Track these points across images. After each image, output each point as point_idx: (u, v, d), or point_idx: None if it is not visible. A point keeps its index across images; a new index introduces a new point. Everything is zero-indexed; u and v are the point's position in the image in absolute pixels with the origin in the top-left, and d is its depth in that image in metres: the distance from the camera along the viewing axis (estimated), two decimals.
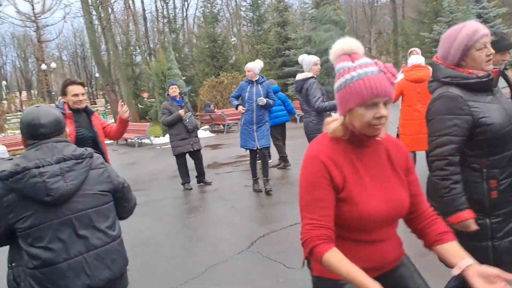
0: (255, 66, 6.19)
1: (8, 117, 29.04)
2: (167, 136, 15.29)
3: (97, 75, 61.73)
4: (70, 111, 3.75)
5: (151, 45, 32.80)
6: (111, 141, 15.60)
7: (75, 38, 69.33)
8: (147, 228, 5.31)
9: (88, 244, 1.87)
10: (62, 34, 69.06)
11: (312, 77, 5.64)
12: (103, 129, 3.99)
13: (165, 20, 31.85)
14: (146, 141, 15.20)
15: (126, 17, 32.29)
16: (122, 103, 4.07)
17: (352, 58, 1.54)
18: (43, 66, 37.85)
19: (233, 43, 25.76)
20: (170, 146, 7.24)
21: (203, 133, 15.86)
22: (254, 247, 4.35)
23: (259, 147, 6.24)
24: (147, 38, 32.01)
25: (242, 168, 8.62)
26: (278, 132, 8.16)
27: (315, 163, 1.57)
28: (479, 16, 19.95)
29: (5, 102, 31.46)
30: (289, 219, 5.07)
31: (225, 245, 4.48)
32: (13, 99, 33.10)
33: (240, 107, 6.22)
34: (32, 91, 64.09)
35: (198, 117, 17.72)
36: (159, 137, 15.54)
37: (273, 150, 7.95)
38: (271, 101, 6.22)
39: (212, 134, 16.07)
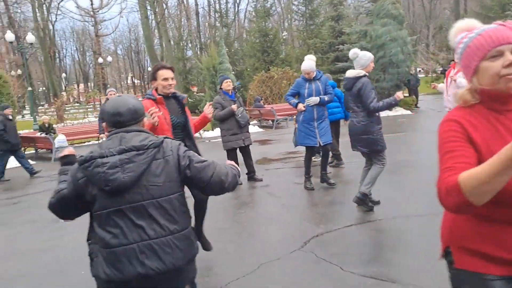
0: (312, 65, 6.00)
1: (66, 108, 30.44)
2: (217, 130, 15.50)
3: (149, 69, 63.75)
4: (160, 96, 3.72)
5: (202, 40, 33.18)
6: None
7: (130, 33, 71.94)
8: None
9: (142, 234, 1.89)
10: (118, 28, 71.90)
11: (365, 75, 5.38)
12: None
13: (217, 15, 32.11)
14: (195, 134, 15.35)
15: (179, 12, 32.89)
16: (210, 104, 4.09)
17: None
18: (100, 60, 39.38)
19: (284, 37, 25.52)
20: (220, 140, 7.19)
21: (252, 128, 15.79)
22: (308, 247, 4.18)
23: (322, 144, 6.08)
24: (199, 33, 32.43)
25: (292, 164, 8.46)
26: (332, 130, 7.90)
27: (447, 124, 1.47)
28: None
29: (64, 93, 32.91)
30: (344, 219, 4.87)
31: (277, 243, 4.35)
32: (72, 90, 34.56)
33: (301, 105, 6.02)
34: (89, 84, 67.00)
35: (247, 112, 17.69)
36: (208, 131, 15.64)
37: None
38: (326, 97, 6.01)
39: (261, 130, 15.99)
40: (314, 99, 5.93)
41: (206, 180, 2.01)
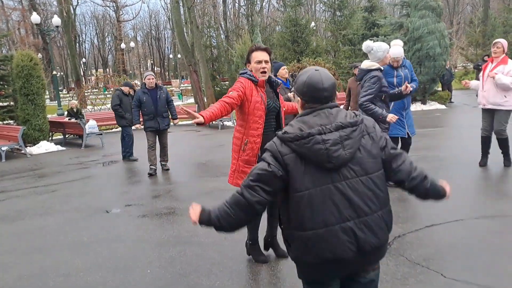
0: (402, 52, 5.65)
1: (86, 93, 30.35)
2: None
3: (170, 56, 63.80)
4: (263, 79, 3.49)
5: (229, 28, 32.80)
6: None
7: (150, 19, 71.97)
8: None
9: (358, 210, 1.85)
10: (139, 15, 71.68)
11: (378, 69, 5.04)
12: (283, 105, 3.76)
13: (243, 2, 31.65)
14: (228, 123, 15.11)
15: None
16: None
17: None
18: (123, 45, 39.38)
19: (313, 28, 25.06)
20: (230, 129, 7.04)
21: None
22: (394, 248, 3.88)
23: (410, 135, 5.82)
24: (226, 21, 32.05)
25: None
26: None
27: None
28: None
29: (92, 78, 32.78)
30: (424, 219, 4.56)
31: None
32: (101, 75, 34.15)
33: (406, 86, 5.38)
34: (107, 69, 67.24)
35: None
36: (230, 120, 15.37)
37: None
38: (414, 85, 5.64)
39: None
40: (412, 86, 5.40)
41: (395, 168, 2.00)
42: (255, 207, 1.89)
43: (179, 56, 59.32)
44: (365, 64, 4.99)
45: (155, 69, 72.32)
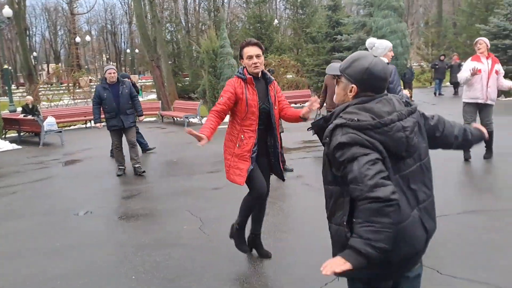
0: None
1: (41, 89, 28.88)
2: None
3: (128, 50, 62.01)
4: (250, 76, 3.41)
5: (190, 23, 32.24)
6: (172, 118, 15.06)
7: (105, 13, 69.61)
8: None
9: (419, 197, 1.81)
10: (93, 8, 69.15)
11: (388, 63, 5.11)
12: (281, 104, 3.57)
13: None
14: (194, 120, 14.79)
15: None
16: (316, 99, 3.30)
17: None
18: (78, 39, 37.73)
19: (276, 25, 25.06)
20: (220, 127, 6.87)
21: None
22: None
23: None
24: (186, 16, 31.47)
25: (316, 154, 8.13)
26: None
27: None
28: None
29: (42, 73, 31.25)
30: None
31: None
32: (57, 69, 32.51)
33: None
34: (60, 64, 64.51)
35: None
36: (206, 117, 15.11)
37: None
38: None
39: None
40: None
41: (439, 136, 1.99)
42: (395, 203, 1.58)
43: (137, 51, 58.04)
44: None
45: (111, 64, 70.13)
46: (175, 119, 15.50)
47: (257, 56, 3.38)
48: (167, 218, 5.08)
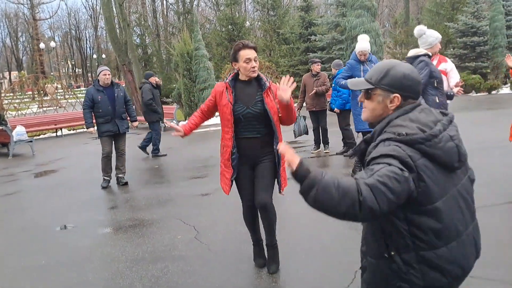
0: (369, 46, 5.73)
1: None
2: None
3: (94, 56, 60.44)
4: (233, 81, 3.30)
5: (159, 26, 31.67)
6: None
7: (69, 18, 67.68)
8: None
9: (472, 213, 1.70)
10: (56, 13, 66.96)
11: (426, 54, 4.98)
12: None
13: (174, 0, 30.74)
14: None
15: None
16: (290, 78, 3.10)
17: None
18: (42, 45, 36.36)
19: (247, 27, 24.90)
20: (197, 131, 6.69)
21: None
22: None
23: None
24: (156, 19, 30.90)
25: (300, 155, 7.99)
26: (347, 117, 7.60)
27: None
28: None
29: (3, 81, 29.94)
30: None
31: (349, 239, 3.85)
32: (23, 76, 31.02)
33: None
34: (23, 71, 62.24)
35: None
36: (182, 120, 14.81)
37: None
38: None
39: None
40: None
41: None
42: (362, 211, 1.44)
43: (104, 56, 56.62)
44: (411, 52, 4.68)
45: (76, 70, 68.27)
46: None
47: (255, 59, 3.23)
48: (158, 228, 4.80)
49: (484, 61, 19.52)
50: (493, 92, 18.09)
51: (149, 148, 9.45)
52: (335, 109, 7.70)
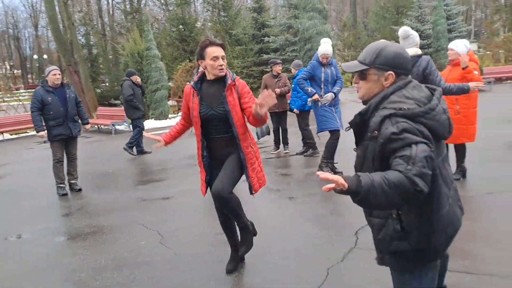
0: (331, 49, 5.89)
1: None
2: (146, 122, 14.23)
3: (35, 56, 57.32)
4: (199, 81, 3.21)
5: (106, 25, 30.59)
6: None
7: (6, 17, 63.83)
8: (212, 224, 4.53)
9: (451, 178, 1.89)
10: None
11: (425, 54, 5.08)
12: (244, 107, 3.17)
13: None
14: (122, 127, 13.93)
15: None
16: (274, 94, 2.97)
17: None
18: None
19: (201, 27, 24.66)
20: (151, 133, 6.55)
21: None
22: (359, 241, 3.76)
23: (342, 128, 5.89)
24: (101, 18, 29.81)
25: (263, 155, 7.95)
26: (307, 118, 7.67)
27: None
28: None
29: None
30: None
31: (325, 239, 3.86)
32: None
33: (316, 96, 5.88)
34: None
35: (176, 104, 16.65)
36: None
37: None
38: (339, 88, 5.93)
39: None
40: (330, 97, 5.83)
41: None
42: (418, 197, 1.57)
43: (45, 56, 53.85)
44: (410, 51, 4.54)
45: (15, 71, 64.59)
46: (100, 127, 14.51)
47: (223, 57, 3.12)
48: (120, 234, 4.57)
49: None
50: None
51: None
52: (295, 110, 7.75)
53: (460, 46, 5.10)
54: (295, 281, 3.24)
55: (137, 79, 9.26)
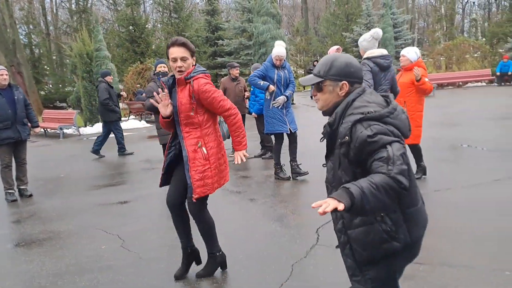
0: (285, 51, 5.93)
1: None
2: (97, 125, 13.78)
3: None
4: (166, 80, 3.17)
5: (49, 25, 29.26)
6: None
7: None
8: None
9: (412, 175, 1.88)
10: None
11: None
12: (217, 106, 3.12)
13: None
14: (70, 131, 13.41)
15: None
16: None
17: None
18: None
19: (152, 29, 24.22)
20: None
21: (138, 124, 14.56)
22: (321, 238, 3.89)
23: (292, 131, 5.97)
24: (45, 17, 28.49)
25: None
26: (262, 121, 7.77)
27: None
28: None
29: None
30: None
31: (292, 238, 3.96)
32: None
33: (272, 87, 5.84)
34: None
35: (127, 106, 16.22)
36: (85, 126, 13.90)
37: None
38: (291, 92, 6.03)
39: (149, 125, 14.71)
40: (282, 100, 5.86)
41: None
42: (404, 194, 1.65)
43: None
44: (377, 51, 4.81)
45: None
46: (47, 130, 13.91)
47: (182, 59, 3.00)
48: (78, 239, 4.44)
49: None
50: None
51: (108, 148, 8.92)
52: (253, 114, 7.84)
53: (411, 53, 5.41)
54: (260, 279, 3.30)
55: (110, 79, 9.20)
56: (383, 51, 4.92)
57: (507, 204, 4.46)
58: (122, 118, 15.03)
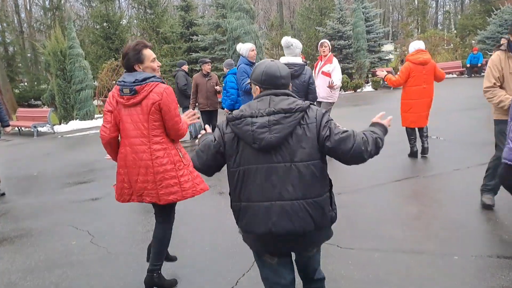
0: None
1: None
2: (71, 123, 13.71)
3: None
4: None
5: (23, 23, 28.69)
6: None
7: None
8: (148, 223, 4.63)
9: (277, 194, 2.00)
10: None
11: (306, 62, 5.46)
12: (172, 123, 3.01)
13: None
14: (44, 129, 13.31)
15: None
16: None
17: None
18: None
19: (127, 25, 23.99)
20: (76, 135, 6.51)
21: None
22: None
23: None
24: (18, 14, 27.93)
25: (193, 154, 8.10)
26: None
27: None
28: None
29: None
30: None
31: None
32: None
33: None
34: None
35: (102, 104, 16.14)
36: (59, 124, 13.79)
37: None
38: None
39: None
40: None
41: (346, 152, 2.03)
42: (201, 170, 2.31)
43: None
44: (294, 59, 4.91)
45: None
46: (21, 129, 13.77)
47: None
48: (49, 236, 4.54)
49: (349, 63, 21.71)
50: (358, 90, 20.23)
51: None
52: (225, 110, 7.97)
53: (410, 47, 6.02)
54: (226, 269, 3.45)
55: (186, 68, 9.64)
56: (290, 59, 4.96)
57: (462, 193, 4.73)
58: (97, 115, 15.02)
